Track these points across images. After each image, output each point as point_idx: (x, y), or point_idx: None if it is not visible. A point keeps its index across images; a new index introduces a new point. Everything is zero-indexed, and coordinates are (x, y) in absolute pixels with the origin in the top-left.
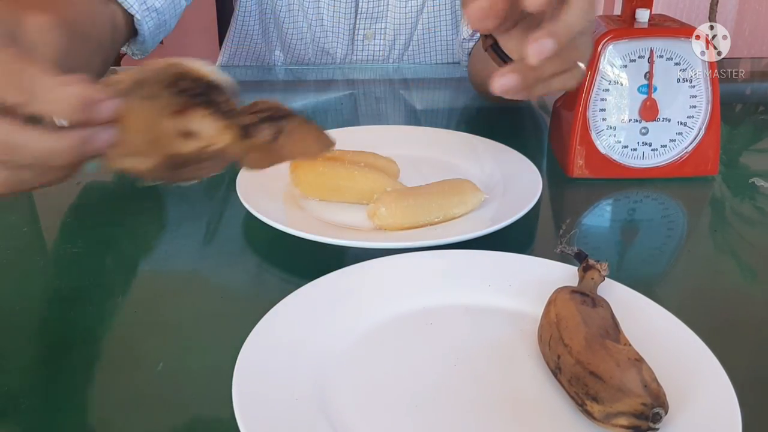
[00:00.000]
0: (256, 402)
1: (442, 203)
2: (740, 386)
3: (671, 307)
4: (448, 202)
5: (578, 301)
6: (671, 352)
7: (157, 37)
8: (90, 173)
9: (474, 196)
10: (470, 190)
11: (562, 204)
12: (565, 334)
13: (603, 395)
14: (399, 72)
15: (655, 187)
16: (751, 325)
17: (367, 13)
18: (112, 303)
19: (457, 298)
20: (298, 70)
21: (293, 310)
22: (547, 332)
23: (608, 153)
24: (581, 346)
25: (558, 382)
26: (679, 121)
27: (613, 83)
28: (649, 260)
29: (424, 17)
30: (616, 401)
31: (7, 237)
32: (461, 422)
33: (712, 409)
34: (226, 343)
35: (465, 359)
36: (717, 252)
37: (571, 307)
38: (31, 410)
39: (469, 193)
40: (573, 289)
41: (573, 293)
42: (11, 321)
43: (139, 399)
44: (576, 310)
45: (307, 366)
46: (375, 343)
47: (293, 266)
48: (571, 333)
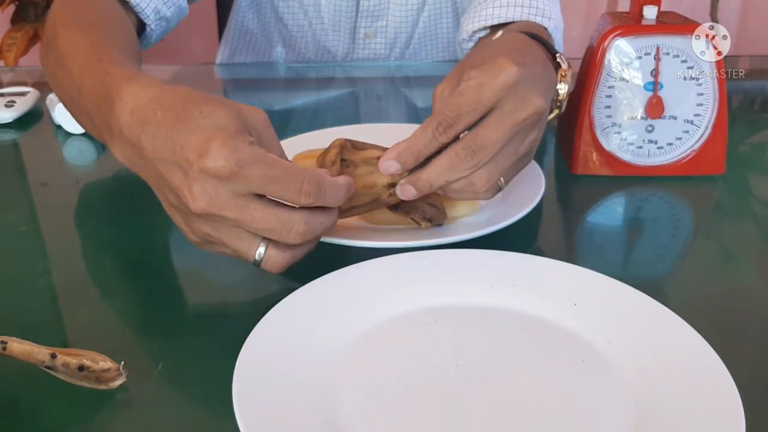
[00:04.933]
0: (256, 402)
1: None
2: (744, 387)
3: (675, 307)
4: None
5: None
6: (674, 352)
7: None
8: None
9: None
10: None
11: (567, 202)
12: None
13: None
14: (400, 70)
15: (661, 186)
16: (756, 325)
17: (368, 11)
18: (110, 303)
19: (459, 298)
20: (300, 67)
21: (293, 310)
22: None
23: (614, 151)
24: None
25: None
26: (686, 119)
27: (620, 80)
28: (653, 259)
29: (425, 15)
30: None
31: (6, 237)
32: (462, 422)
33: (716, 410)
34: (226, 343)
35: (466, 359)
36: (722, 252)
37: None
38: (31, 411)
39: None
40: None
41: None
42: (11, 321)
43: (139, 399)
44: None
45: (307, 366)
46: (376, 343)
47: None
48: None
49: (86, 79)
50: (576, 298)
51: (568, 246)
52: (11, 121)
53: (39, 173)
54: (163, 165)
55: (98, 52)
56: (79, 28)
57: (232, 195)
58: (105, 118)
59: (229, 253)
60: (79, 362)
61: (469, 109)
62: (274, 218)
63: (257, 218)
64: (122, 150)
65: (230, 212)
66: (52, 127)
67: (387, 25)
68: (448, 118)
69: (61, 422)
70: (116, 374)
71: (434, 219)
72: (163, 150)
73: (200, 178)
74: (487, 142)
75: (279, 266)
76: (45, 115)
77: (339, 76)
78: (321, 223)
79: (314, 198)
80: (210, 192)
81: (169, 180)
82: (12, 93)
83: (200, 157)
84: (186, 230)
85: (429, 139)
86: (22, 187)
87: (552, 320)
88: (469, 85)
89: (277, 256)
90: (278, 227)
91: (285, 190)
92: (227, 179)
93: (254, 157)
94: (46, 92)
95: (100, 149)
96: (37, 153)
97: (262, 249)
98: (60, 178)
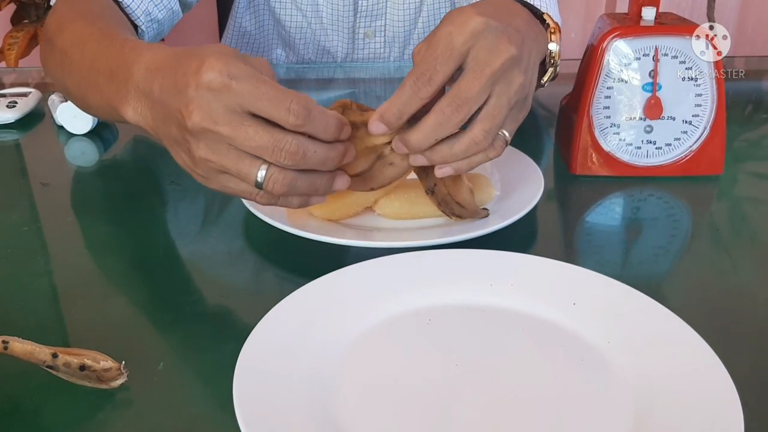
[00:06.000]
0: (257, 402)
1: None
2: (742, 386)
3: (674, 307)
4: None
5: None
6: (673, 352)
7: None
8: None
9: (485, 192)
10: (481, 186)
11: (566, 202)
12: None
13: (464, 215)
14: (400, 71)
15: (659, 186)
16: (755, 325)
17: (367, 10)
18: (111, 303)
19: (458, 298)
20: (299, 68)
21: (293, 309)
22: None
23: (612, 151)
24: (450, 179)
25: (431, 199)
26: (684, 120)
27: (618, 81)
28: (652, 259)
29: (424, 15)
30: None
31: (7, 237)
32: (462, 422)
33: (714, 409)
34: (226, 343)
35: (466, 359)
36: (721, 252)
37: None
38: (32, 410)
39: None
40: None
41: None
42: (13, 320)
43: (140, 399)
44: None
45: (307, 366)
46: (376, 342)
47: (293, 266)
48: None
49: (100, 56)
50: (575, 298)
51: (567, 246)
52: (13, 121)
53: (40, 173)
54: (167, 95)
55: (110, 34)
56: (84, 20)
57: (225, 110)
58: (119, 86)
59: (233, 187)
60: (80, 362)
61: (443, 58)
62: (267, 135)
63: (250, 135)
64: (135, 107)
65: (224, 128)
66: (54, 128)
67: (386, 24)
68: (425, 71)
69: (62, 421)
70: (117, 374)
71: (463, 216)
72: (168, 82)
73: (196, 95)
74: (469, 94)
75: (281, 187)
76: (46, 116)
77: (339, 76)
78: (315, 152)
79: (303, 119)
80: (204, 106)
81: (171, 106)
82: (14, 94)
83: (195, 73)
84: (190, 165)
85: (408, 95)
86: (23, 187)
87: (551, 320)
88: (440, 34)
89: (279, 174)
90: (270, 145)
91: (274, 107)
92: (219, 92)
93: (246, 72)
94: (48, 93)
95: (101, 150)
96: (39, 153)
97: (263, 170)
98: (61, 178)
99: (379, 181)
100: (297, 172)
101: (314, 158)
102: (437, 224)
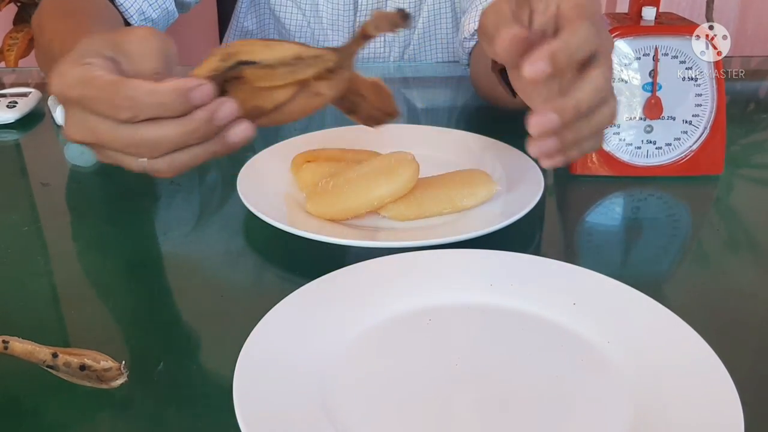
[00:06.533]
0: (257, 402)
1: (452, 195)
2: (742, 385)
3: (674, 307)
4: (458, 193)
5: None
6: (673, 351)
7: None
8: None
9: (485, 188)
10: (482, 181)
11: (566, 202)
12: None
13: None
14: (400, 71)
15: (659, 186)
16: (755, 325)
17: (367, 9)
18: (111, 303)
19: (459, 298)
20: None
21: (293, 309)
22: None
23: (612, 151)
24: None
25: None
26: (684, 120)
27: (618, 81)
28: (652, 259)
29: (424, 15)
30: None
31: (7, 237)
32: (462, 422)
33: (714, 408)
34: (226, 343)
35: (466, 359)
36: (721, 252)
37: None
38: (32, 410)
39: (480, 185)
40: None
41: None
42: (13, 320)
43: (139, 399)
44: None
45: (307, 366)
46: (376, 342)
47: (293, 266)
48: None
49: (66, 49)
50: (575, 298)
51: (567, 246)
52: (13, 121)
53: (40, 173)
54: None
55: (81, 27)
56: (64, 16)
57: (81, 121)
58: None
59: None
60: (80, 361)
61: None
62: (118, 137)
63: (107, 141)
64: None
65: (90, 137)
66: (54, 128)
67: None
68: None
69: (62, 421)
70: (117, 374)
71: (381, 121)
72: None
73: (66, 109)
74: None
75: (166, 171)
76: (46, 116)
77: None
78: (167, 134)
79: (131, 111)
80: (73, 119)
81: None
82: (14, 94)
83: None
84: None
85: (585, 37)
86: (23, 187)
87: (551, 320)
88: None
89: (156, 163)
90: (122, 146)
91: (106, 108)
92: (69, 105)
93: (78, 79)
94: (48, 93)
95: None
96: (39, 153)
97: (143, 160)
98: (61, 178)
99: (300, 113)
100: (171, 154)
101: (172, 139)
102: (437, 224)
